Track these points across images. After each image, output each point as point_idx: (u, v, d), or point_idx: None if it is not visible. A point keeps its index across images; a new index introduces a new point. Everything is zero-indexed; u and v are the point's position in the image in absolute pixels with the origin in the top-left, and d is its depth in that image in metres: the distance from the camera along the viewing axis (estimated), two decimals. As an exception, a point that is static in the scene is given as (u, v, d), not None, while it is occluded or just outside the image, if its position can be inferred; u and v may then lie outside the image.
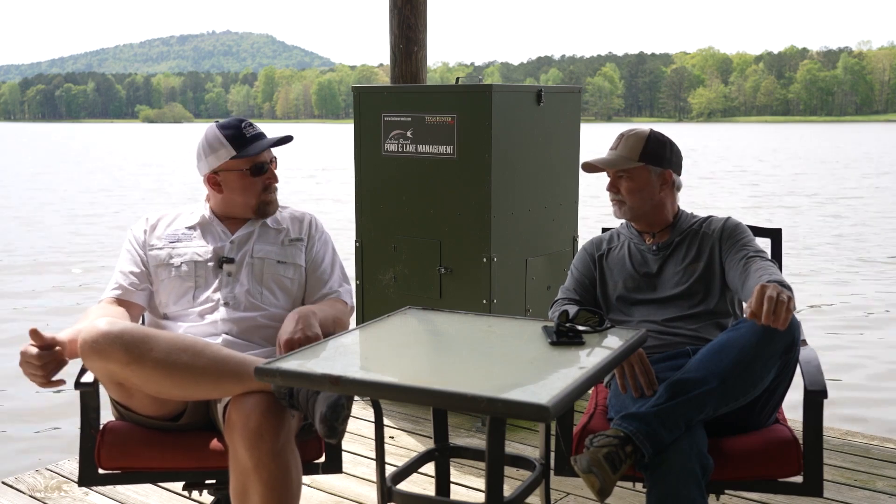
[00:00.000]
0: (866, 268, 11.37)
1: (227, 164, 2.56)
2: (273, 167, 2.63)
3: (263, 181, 2.60)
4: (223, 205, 2.63)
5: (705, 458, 2.16)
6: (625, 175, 2.61)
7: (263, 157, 2.59)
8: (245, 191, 2.59)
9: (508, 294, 3.86)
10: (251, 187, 2.59)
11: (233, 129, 2.56)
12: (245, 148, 2.55)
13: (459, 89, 3.83)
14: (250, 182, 2.58)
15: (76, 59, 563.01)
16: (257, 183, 2.59)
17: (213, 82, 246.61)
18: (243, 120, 2.61)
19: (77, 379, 2.30)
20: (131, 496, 3.14)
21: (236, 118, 2.63)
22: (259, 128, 2.62)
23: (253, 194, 2.60)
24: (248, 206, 2.61)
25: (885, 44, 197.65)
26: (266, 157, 2.60)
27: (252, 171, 2.57)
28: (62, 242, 13.84)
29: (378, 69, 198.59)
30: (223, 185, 2.59)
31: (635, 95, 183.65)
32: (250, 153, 2.55)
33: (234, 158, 2.54)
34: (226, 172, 2.57)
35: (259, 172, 2.58)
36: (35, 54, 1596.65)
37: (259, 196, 2.60)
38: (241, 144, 2.55)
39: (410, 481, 2.39)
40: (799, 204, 19.06)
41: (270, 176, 2.62)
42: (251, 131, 2.58)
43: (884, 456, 3.51)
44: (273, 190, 2.64)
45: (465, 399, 1.67)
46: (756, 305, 2.03)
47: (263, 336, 2.50)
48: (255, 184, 2.59)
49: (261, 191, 2.60)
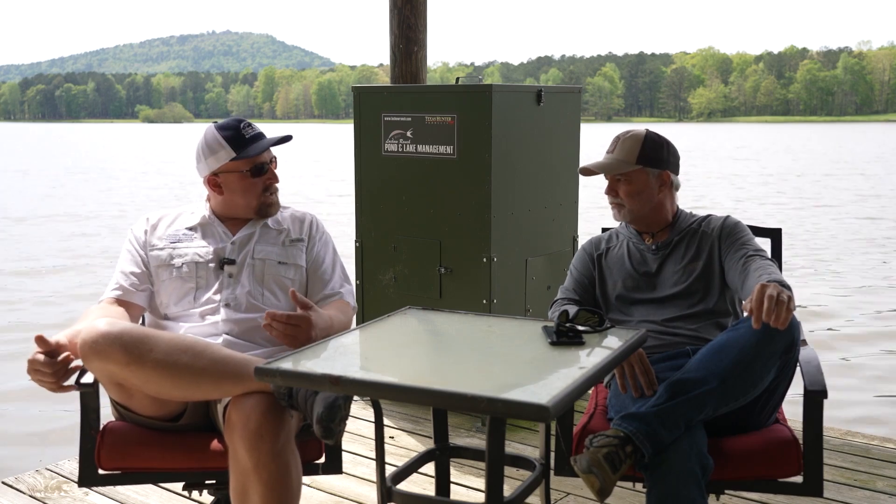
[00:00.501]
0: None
1: (227, 165, 2.55)
2: (273, 167, 2.63)
3: (264, 182, 2.59)
4: (224, 206, 2.63)
5: (705, 458, 2.16)
6: (623, 178, 2.61)
7: (263, 157, 2.58)
8: (246, 192, 2.58)
9: (508, 294, 3.86)
10: (252, 188, 2.58)
11: (232, 130, 2.55)
12: (244, 149, 2.54)
13: (459, 89, 3.83)
14: (251, 183, 2.57)
15: (76, 59, 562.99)
16: (258, 184, 2.58)
17: (213, 82, 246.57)
18: (242, 120, 2.60)
19: (77, 379, 2.30)
20: (131, 496, 3.14)
21: (235, 118, 2.61)
22: (258, 128, 2.61)
23: (254, 195, 2.59)
24: (249, 207, 2.60)
25: (885, 44, 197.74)
26: (266, 157, 2.59)
27: (252, 171, 2.56)
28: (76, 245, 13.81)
29: (378, 69, 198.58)
30: (224, 186, 2.58)
31: (635, 95, 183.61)
32: (250, 154, 2.54)
33: (233, 160, 2.53)
34: (226, 174, 2.56)
35: (259, 173, 2.57)
36: (35, 54, 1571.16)
37: (260, 197, 2.60)
38: (240, 145, 2.54)
39: (410, 481, 2.39)
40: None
41: (271, 176, 2.61)
42: (250, 132, 2.57)
43: (884, 456, 3.51)
44: (274, 191, 2.64)
45: (465, 399, 1.67)
46: (756, 304, 2.03)
47: (264, 336, 2.49)
48: (256, 185, 2.58)
49: (261, 191, 2.59)
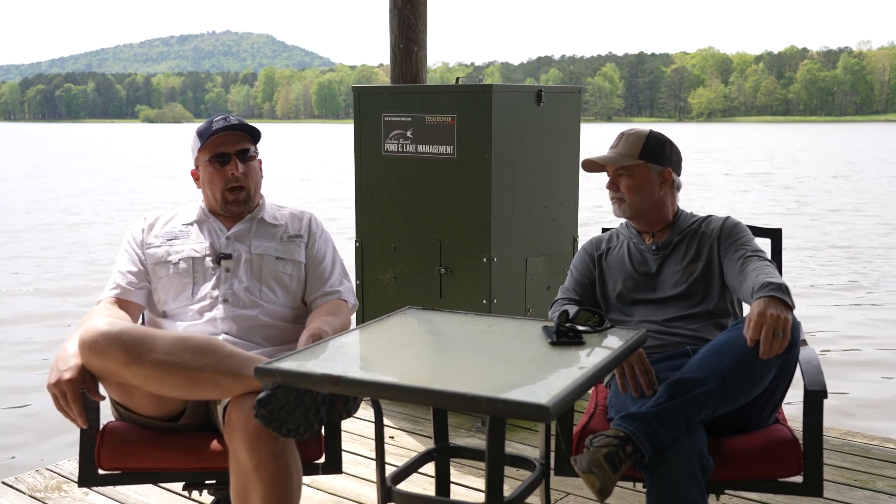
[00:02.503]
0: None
1: (198, 156, 2.57)
2: (235, 162, 2.52)
3: (227, 173, 2.53)
4: (206, 200, 2.64)
5: (705, 458, 2.16)
6: (625, 173, 2.62)
7: (225, 147, 2.53)
8: (211, 182, 2.56)
9: (508, 294, 3.86)
10: (215, 178, 2.54)
11: (206, 122, 2.57)
12: (208, 137, 2.52)
13: (459, 89, 3.83)
14: (214, 172, 2.54)
15: (76, 59, 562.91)
16: (221, 174, 2.53)
17: (213, 82, 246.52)
18: (226, 115, 2.59)
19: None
20: (131, 496, 3.14)
21: (219, 114, 2.62)
22: (237, 120, 2.56)
23: (217, 187, 2.55)
24: (215, 200, 2.58)
25: (885, 44, 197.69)
26: (229, 149, 2.53)
27: (212, 160, 2.53)
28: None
29: (378, 69, 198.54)
30: (200, 178, 2.61)
31: (635, 95, 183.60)
32: (206, 138, 2.51)
33: (200, 149, 2.54)
34: (201, 167, 2.59)
35: (221, 163, 2.53)
36: (35, 54, 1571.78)
37: (223, 191, 2.54)
38: (205, 134, 2.53)
39: (410, 481, 2.39)
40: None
41: (233, 168, 2.53)
42: (221, 123, 2.54)
43: (884, 456, 3.51)
44: (239, 190, 2.55)
45: (465, 399, 1.67)
46: (753, 335, 2.09)
47: (264, 335, 2.50)
48: (219, 174, 2.54)
49: (224, 186, 2.54)
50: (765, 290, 2.15)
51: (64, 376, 2.13)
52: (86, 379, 2.15)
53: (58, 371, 2.15)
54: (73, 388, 2.12)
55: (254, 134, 2.60)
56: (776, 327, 2.07)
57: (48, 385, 2.15)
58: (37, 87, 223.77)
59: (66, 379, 2.12)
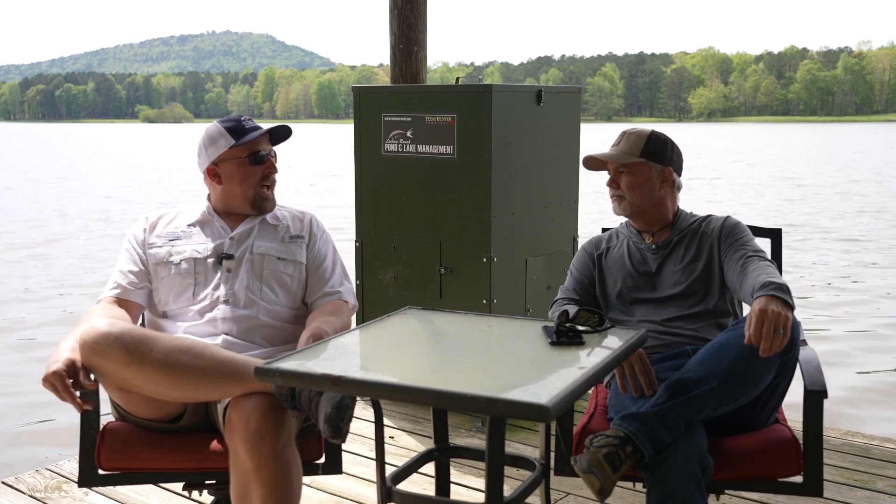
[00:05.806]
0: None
1: (227, 153, 2.56)
2: (273, 159, 2.64)
3: (263, 170, 2.60)
4: (223, 198, 2.63)
5: (705, 458, 2.16)
6: (626, 170, 2.62)
7: (262, 146, 2.60)
8: (244, 180, 2.59)
9: (508, 294, 3.86)
10: (250, 176, 2.58)
11: (233, 121, 2.60)
12: (244, 136, 2.56)
13: (459, 89, 3.83)
14: (249, 171, 2.58)
15: (76, 59, 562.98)
16: (256, 172, 2.59)
17: (213, 82, 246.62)
18: (244, 116, 2.64)
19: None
20: (131, 496, 3.14)
21: (237, 115, 2.66)
22: (258, 123, 2.64)
23: (251, 184, 2.59)
24: (245, 197, 2.60)
25: (885, 44, 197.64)
26: (265, 148, 2.61)
27: (251, 159, 2.57)
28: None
29: (378, 69, 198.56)
30: (223, 175, 2.60)
31: (635, 95, 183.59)
32: (248, 139, 2.56)
33: (232, 147, 2.55)
34: (225, 162, 2.58)
35: (258, 161, 2.58)
36: (35, 54, 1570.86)
37: (257, 187, 2.60)
38: (239, 134, 2.56)
39: (410, 481, 2.39)
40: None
41: (270, 166, 2.62)
42: (250, 124, 2.61)
43: (884, 456, 3.51)
44: (272, 184, 2.64)
45: (465, 399, 1.67)
46: (755, 331, 2.07)
47: (264, 336, 2.50)
48: (254, 172, 2.58)
49: (258, 181, 2.59)
50: (766, 290, 2.15)
51: (51, 369, 2.16)
52: (74, 370, 2.17)
53: (48, 367, 2.18)
54: (59, 378, 2.14)
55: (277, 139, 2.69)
56: (777, 324, 2.06)
57: (41, 380, 2.18)
58: (37, 87, 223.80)
59: (51, 371, 2.15)
